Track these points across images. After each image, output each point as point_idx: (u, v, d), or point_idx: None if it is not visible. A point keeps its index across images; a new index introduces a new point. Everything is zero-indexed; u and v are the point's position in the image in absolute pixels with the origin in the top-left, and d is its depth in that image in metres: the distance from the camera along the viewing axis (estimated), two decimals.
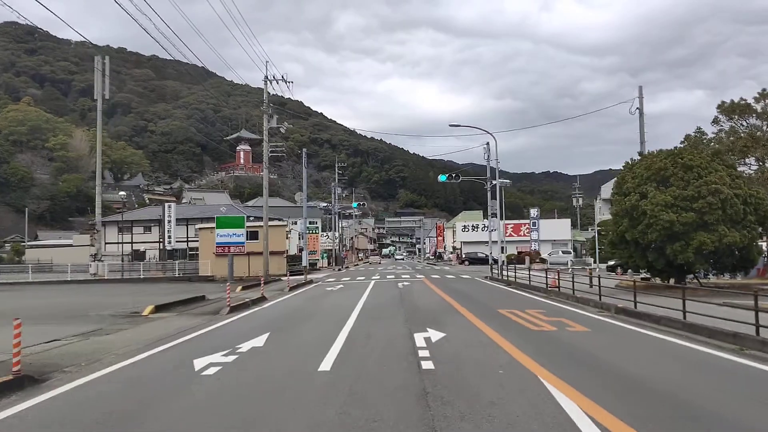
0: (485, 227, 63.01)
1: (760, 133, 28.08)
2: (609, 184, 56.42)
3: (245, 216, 34.63)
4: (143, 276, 35.07)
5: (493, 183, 33.25)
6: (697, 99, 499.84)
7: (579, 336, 10.84)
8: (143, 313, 16.06)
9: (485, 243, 62.88)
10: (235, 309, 16.80)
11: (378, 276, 36.97)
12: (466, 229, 65.40)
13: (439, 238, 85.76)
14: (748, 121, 28.60)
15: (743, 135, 28.11)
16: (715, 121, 29.12)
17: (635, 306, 15.02)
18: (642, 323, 12.95)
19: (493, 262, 46.27)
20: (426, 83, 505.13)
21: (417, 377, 7.14)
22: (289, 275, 47.03)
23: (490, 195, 33.53)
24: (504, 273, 30.11)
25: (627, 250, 21.38)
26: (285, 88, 32.86)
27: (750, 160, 28.68)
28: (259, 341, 10.50)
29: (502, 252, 35.93)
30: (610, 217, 56.51)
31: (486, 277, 32.35)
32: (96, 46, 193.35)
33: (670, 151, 20.92)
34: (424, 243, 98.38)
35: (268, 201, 34.58)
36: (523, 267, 41.75)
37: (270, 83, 34.36)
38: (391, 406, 5.82)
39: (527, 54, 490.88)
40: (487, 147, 33.21)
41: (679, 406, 5.82)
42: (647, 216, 19.59)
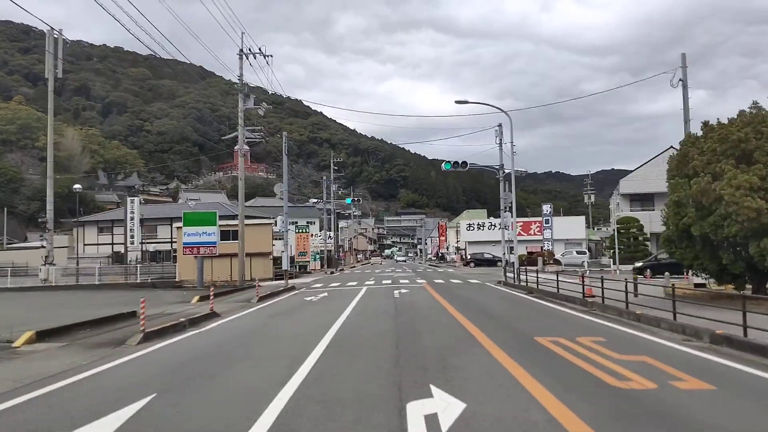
0: (492, 225, 57.64)
1: None
2: (631, 176, 51.09)
3: (217, 212, 29.36)
4: (99, 282, 29.86)
5: (506, 171, 27.97)
6: (698, 99, 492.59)
7: (710, 406, 5.55)
8: (15, 344, 10.81)
9: (491, 243, 57.63)
10: (157, 335, 11.57)
11: (373, 281, 31.71)
12: (470, 228, 59.79)
13: (442, 238, 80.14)
14: None
15: None
16: None
17: (745, 332, 9.77)
18: None
19: (504, 263, 41.18)
20: (426, 84, 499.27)
21: None
22: (275, 279, 41.79)
23: (502, 185, 28.24)
24: (520, 277, 24.83)
25: (692, 249, 16.02)
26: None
27: None
28: (115, 420, 5.25)
29: (511, 252, 30.70)
30: (629, 214, 51.27)
31: (499, 282, 27.04)
32: (92, 45, 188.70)
33: (751, 117, 15.54)
34: (425, 243, 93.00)
35: (244, 195, 29.39)
36: (535, 269, 36.78)
37: (246, 58, 29.19)
38: None
39: (527, 55, 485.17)
40: (499, 129, 27.93)
41: None
42: (724, 203, 14.30)
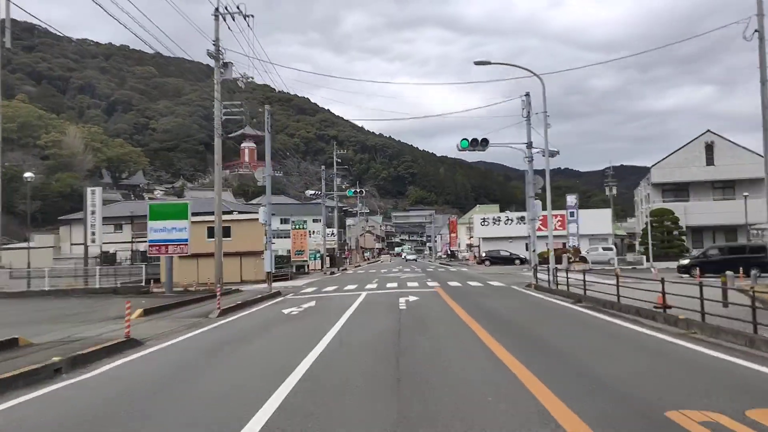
0: (509, 220, 52.21)
1: None
2: (663, 163, 45.58)
3: (189, 203, 24.29)
4: (49, 288, 24.89)
5: (534, 150, 22.68)
6: (706, 95, 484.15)
7: None
8: None
9: (508, 239, 52.25)
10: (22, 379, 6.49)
11: (375, 283, 26.60)
12: (485, 223, 54.23)
13: (452, 234, 74.55)
14: None
15: None
16: None
17: None
18: None
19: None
20: (434, 82, 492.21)
21: None
22: (271, 281, 36.75)
23: (529, 168, 22.95)
24: (557, 279, 19.59)
25: None
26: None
27: None
28: None
29: (534, 250, 25.56)
30: (662, 205, 45.74)
31: (529, 286, 21.80)
32: (97, 43, 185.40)
33: None
34: (435, 240, 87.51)
35: (221, 183, 24.35)
36: (561, 268, 31.93)
37: (224, 19, 24.17)
38: None
39: (536, 51, 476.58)
40: (527, 99, 22.64)
41: None
42: None
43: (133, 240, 52.85)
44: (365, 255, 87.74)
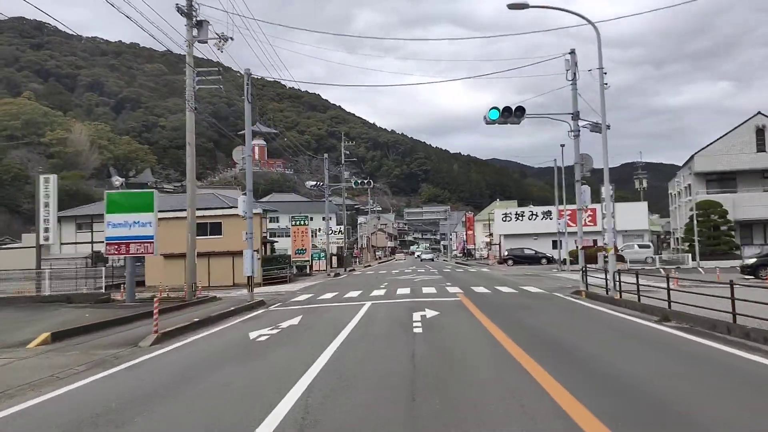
0: (533, 215, 46.92)
1: None
2: (707, 150, 40.29)
3: (155, 192, 19.67)
4: None
5: (581, 125, 17.81)
6: (722, 90, 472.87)
7: None
8: None
9: (532, 236, 47.11)
10: None
11: (384, 288, 21.87)
12: (507, 218, 48.99)
13: (469, 232, 69.24)
14: None
15: None
16: None
17: None
18: None
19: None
20: (447, 80, 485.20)
21: None
22: (266, 284, 32.15)
23: (576, 147, 18.11)
24: (617, 286, 14.73)
25: None
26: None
27: None
28: None
29: (582, 248, 20.80)
30: (706, 197, 40.40)
31: (578, 294, 16.97)
32: (107, 41, 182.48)
33: None
34: (450, 238, 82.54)
35: (194, 169, 19.77)
36: (594, 268, 27.40)
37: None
38: None
39: (549, 47, 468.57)
40: (572, 59, 17.77)
41: None
42: None
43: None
44: (377, 254, 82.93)
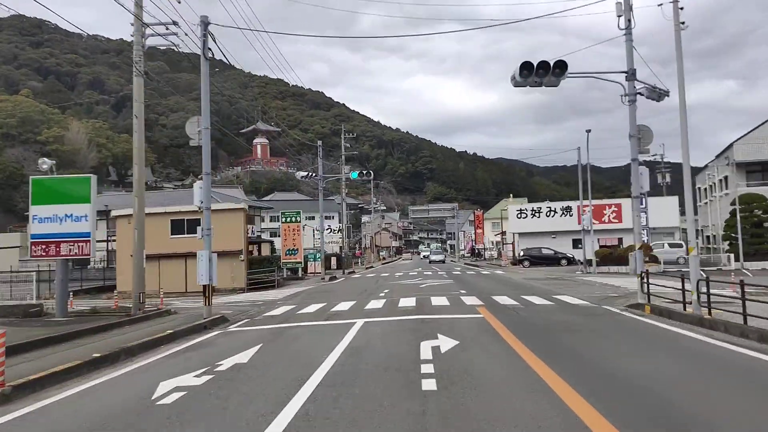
0: (551, 211, 42.39)
1: None
2: (748, 138, 35.89)
3: (92, 178, 15.48)
4: None
5: (638, 87, 13.61)
6: (728, 89, 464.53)
7: None
8: None
9: (550, 234, 42.49)
10: None
11: (383, 298, 17.65)
12: (522, 215, 44.28)
13: (478, 230, 64.74)
14: None
15: None
16: None
17: None
18: None
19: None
20: (451, 80, 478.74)
21: None
22: (251, 289, 28.05)
23: (632, 116, 13.85)
24: (700, 296, 10.51)
25: None
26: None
27: None
28: None
29: (640, 247, 16.45)
30: (747, 190, 35.89)
31: (636, 307, 12.73)
32: (108, 39, 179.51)
33: None
34: (458, 237, 78.17)
35: (143, 148, 15.73)
36: (624, 271, 23.31)
37: None
38: None
39: (555, 46, 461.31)
40: (625, 1, 13.61)
41: None
42: None
43: (108, 239, 44.74)
44: (380, 254, 78.74)
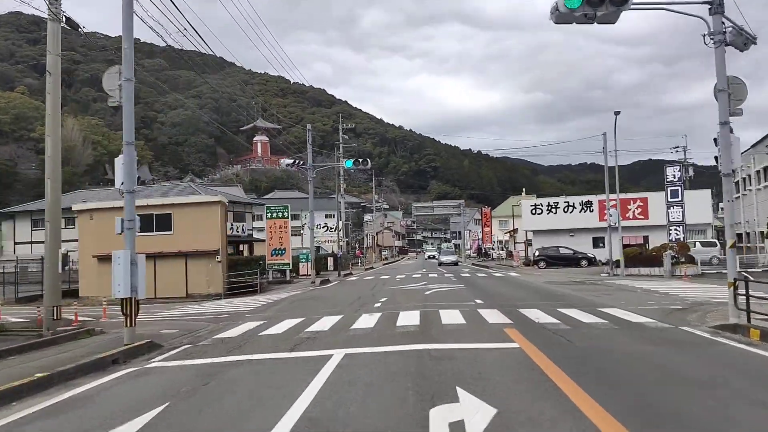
0: (569, 206, 38.16)
1: None
2: None
3: None
4: None
5: (726, 27, 9.80)
6: None
7: None
8: None
9: (568, 232, 38.45)
10: None
11: (377, 312, 13.79)
12: (537, 210, 39.27)
13: (486, 228, 60.70)
14: None
15: None
16: None
17: None
18: None
19: (589, 262, 23.36)
20: (454, 79, 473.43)
21: None
22: (229, 294, 24.25)
23: (719, 64, 10.07)
24: None
25: None
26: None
27: None
28: None
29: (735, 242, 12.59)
30: None
31: (725, 330, 8.89)
32: (107, 36, 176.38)
33: None
34: (464, 236, 74.35)
35: (58, 106, 12.03)
36: (657, 273, 19.50)
37: None
38: None
39: (558, 45, 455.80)
40: None
41: None
42: None
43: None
44: (382, 254, 74.96)
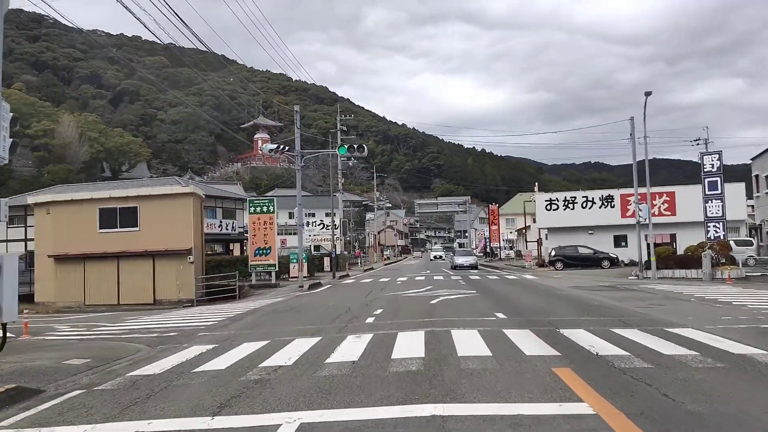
0: (588, 201, 34.40)
1: None
2: None
3: None
4: None
5: None
6: (736, 87, 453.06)
7: None
8: None
9: (586, 230, 34.78)
10: None
11: (368, 333, 10.39)
12: (553, 206, 35.31)
13: (493, 227, 57.01)
14: None
15: None
16: None
17: None
18: None
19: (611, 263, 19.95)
20: (458, 79, 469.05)
21: None
22: (200, 302, 20.83)
23: None
24: None
25: None
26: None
27: None
28: None
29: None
30: None
31: None
32: (108, 34, 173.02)
33: None
34: (469, 235, 70.77)
35: None
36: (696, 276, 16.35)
37: None
38: None
39: (560, 45, 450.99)
40: None
41: None
42: None
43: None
44: (384, 254, 71.60)
